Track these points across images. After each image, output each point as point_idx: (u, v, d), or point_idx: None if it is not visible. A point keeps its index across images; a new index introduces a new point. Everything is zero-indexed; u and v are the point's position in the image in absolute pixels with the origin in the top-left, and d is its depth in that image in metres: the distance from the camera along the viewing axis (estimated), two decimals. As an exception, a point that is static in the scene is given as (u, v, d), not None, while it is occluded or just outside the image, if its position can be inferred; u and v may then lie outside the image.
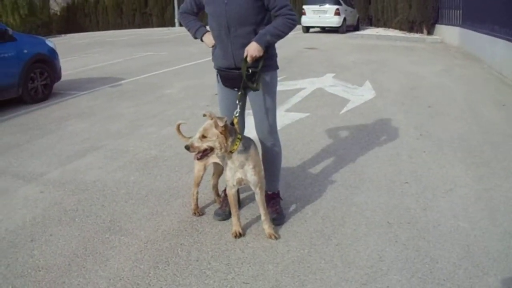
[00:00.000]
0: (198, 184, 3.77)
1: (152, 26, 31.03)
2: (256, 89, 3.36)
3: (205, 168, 3.72)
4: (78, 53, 15.71)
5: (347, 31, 21.99)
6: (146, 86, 9.52)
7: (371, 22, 25.92)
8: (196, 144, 3.10)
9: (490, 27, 11.24)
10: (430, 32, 18.99)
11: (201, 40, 3.56)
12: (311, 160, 4.98)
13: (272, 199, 3.76)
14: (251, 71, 3.33)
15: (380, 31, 21.73)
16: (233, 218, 3.44)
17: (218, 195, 3.99)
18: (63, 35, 28.37)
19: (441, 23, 18.18)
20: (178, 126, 3.82)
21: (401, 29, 20.51)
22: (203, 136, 3.08)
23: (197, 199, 3.82)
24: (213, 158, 3.59)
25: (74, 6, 32.81)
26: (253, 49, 3.23)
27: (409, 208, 3.78)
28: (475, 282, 2.81)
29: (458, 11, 15.67)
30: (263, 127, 3.58)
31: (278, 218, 3.64)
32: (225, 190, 3.73)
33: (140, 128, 6.45)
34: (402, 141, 5.50)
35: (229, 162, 3.28)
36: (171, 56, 14.20)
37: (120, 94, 8.84)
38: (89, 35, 26.83)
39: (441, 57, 12.72)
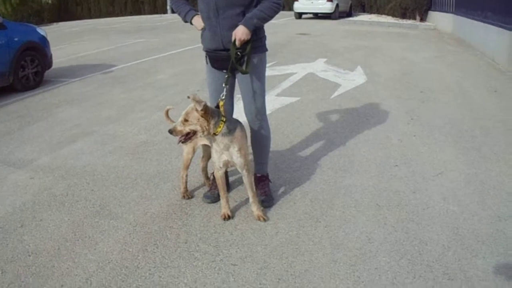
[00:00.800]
0: (187, 167, 3.75)
1: (144, 14, 30.78)
2: (245, 72, 3.34)
3: (194, 151, 3.70)
4: (69, 41, 15.53)
5: (340, 17, 21.92)
6: (137, 72, 9.46)
7: (364, 8, 25.85)
8: (178, 128, 3.09)
9: (483, 13, 11.23)
10: (423, 19, 18.98)
11: (191, 23, 3.53)
12: (301, 143, 4.97)
13: (261, 181, 3.76)
14: (240, 54, 3.31)
15: (373, 17, 21.69)
16: (222, 201, 3.44)
17: (207, 177, 3.98)
18: (54, 23, 28.08)
19: (434, 10, 18.18)
20: (167, 111, 3.82)
21: (394, 15, 20.48)
22: (185, 120, 3.06)
23: (186, 182, 3.81)
24: (202, 141, 3.58)
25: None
26: (241, 33, 3.21)
27: (398, 191, 3.78)
28: (464, 264, 2.82)
29: (451, -2, 15.65)
30: (251, 109, 3.56)
31: (266, 200, 3.64)
32: (212, 173, 3.72)
33: (131, 114, 6.40)
34: (393, 125, 5.50)
35: (214, 145, 3.27)
36: (162, 42, 14.09)
37: (112, 80, 8.77)
38: (81, 23, 26.53)
39: (433, 44, 12.71)
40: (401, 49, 11.60)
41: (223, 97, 3.34)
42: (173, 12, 28.18)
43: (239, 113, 3.80)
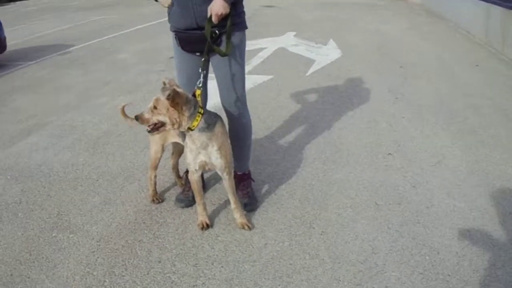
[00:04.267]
0: (155, 167, 3.25)
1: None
2: (225, 54, 2.82)
3: (163, 149, 3.20)
4: (25, 21, 14.51)
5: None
6: (97, 52, 8.79)
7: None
8: (146, 116, 2.58)
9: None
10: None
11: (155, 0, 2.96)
12: (280, 129, 4.53)
13: (242, 180, 3.30)
14: (218, 32, 2.79)
15: (340, -12, 21.11)
16: (198, 208, 2.96)
17: (179, 176, 3.50)
18: (12, 3, 26.64)
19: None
20: (123, 108, 3.30)
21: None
22: (154, 107, 2.55)
23: (155, 183, 3.31)
24: (174, 137, 3.08)
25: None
26: (218, 7, 2.67)
27: (397, 186, 3.38)
28: (483, 276, 2.45)
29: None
30: (229, 96, 3.05)
31: (250, 203, 3.18)
32: (187, 171, 3.25)
33: (90, 99, 5.82)
34: (378, 105, 5.10)
35: (189, 142, 2.74)
36: (123, 19, 13.27)
37: (70, 62, 8.10)
38: (38, 2, 25.12)
39: (404, 15, 12.25)
40: (373, 21, 11.13)
41: (200, 85, 2.80)
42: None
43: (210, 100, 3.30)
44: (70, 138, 4.57)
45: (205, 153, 2.74)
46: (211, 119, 2.70)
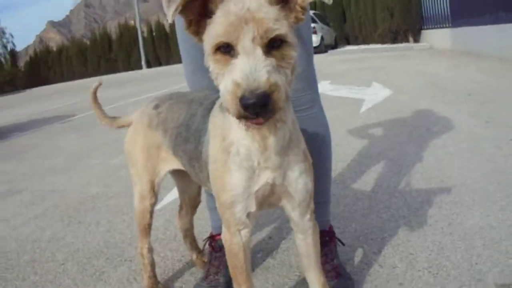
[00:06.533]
0: (146, 232, 1.81)
1: (119, 71, 29.14)
2: None
3: (154, 192, 1.76)
4: (37, 101, 13.85)
5: (326, 51, 20.40)
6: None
7: (348, 41, 24.37)
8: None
9: (494, 15, 9.67)
10: (416, 40, 17.51)
11: None
12: (351, 171, 3.13)
13: (325, 245, 1.83)
14: None
15: (362, 47, 20.22)
16: None
17: (196, 248, 2.06)
18: (28, 89, 26.78)
19: (427, 28, 16.69)
20: (95, 90, 1.93)
21: (383, 42, 18.96)
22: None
23: (152, 263, 1.86)
24: (168, 163, 1.71)
25: (36, 58, 31.11)
26: None
27: None
28: None
29: (446, 11, 14.22)
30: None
31: (342, 285, 1.70)
32: (211, 237, 1.91)
33: (81, 161, 4.54)
34: (469, 131, 3.67)
35: (237, 156, 1.30)
36: (135, 90, 12.34)
37: (67, 128, 7.01)
38: (54, 86, 25.04)
39: (439, 58, 10.97)
40: (410, 65, 9.88)
41: None
42: (148, 67, 26.76)
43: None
44: (43, 206, 3.23)
45: (281, 172, 1.31)
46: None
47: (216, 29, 1.08)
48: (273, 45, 1.06)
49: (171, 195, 2.99)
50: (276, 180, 1.29)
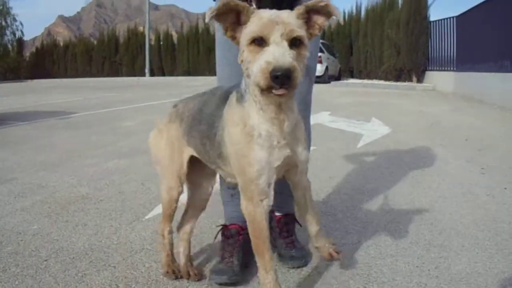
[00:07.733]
0: (170, 217, 2.00)
1: (122, 76, 29.19)
2: None
3: (182, 183, 1.95)
4: (38, 93, 13.79)
5: (329, 81, 20.50)
6: (100, 119, 7.69)
7: (352, 74, 24.50)
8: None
9: (498, 63, 9.79)
10: (419, 80, 17.65)
11: None
12: (342, 205, 3.11)
13: (285, 224, 2.31)
14: None
15: (364, 81, 20.34)
16: (267, 277, 1.64)
17: (187, 253, 2.07)
18: (29, 80, 26.77)
19: (432, 70, 16.85)
20: None
21: (387, 78, 19.06)
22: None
23: (171, 244, 2.01)
24: (186, 149, 1.94)
25: (43, 50, 31.18)
26: None
27: None
28: None
29: (451, 55, 14.39)
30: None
31: (299, 256, 2.17)
32: (224, 226, 2.21)
33: (76, 160, 4.52)
34: (464, 176, 3.70)
35: (264, 131, 1.57)
36: (136, 96, 12.37)
37: (65, 125, 6.99)
38: (57, 80, 25.05)
39: (441, 100, 11.05)
40: (411, 104, 9.93)
41: None
42: (152, 75, 26.76)
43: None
44: (32, 199, 3.21)
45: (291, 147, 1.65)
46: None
47: (252, 27, 1.39)
48: (294, 43, 1.38)
49: (159, 208, 2.97)
50: (290, 154, 1.61)
